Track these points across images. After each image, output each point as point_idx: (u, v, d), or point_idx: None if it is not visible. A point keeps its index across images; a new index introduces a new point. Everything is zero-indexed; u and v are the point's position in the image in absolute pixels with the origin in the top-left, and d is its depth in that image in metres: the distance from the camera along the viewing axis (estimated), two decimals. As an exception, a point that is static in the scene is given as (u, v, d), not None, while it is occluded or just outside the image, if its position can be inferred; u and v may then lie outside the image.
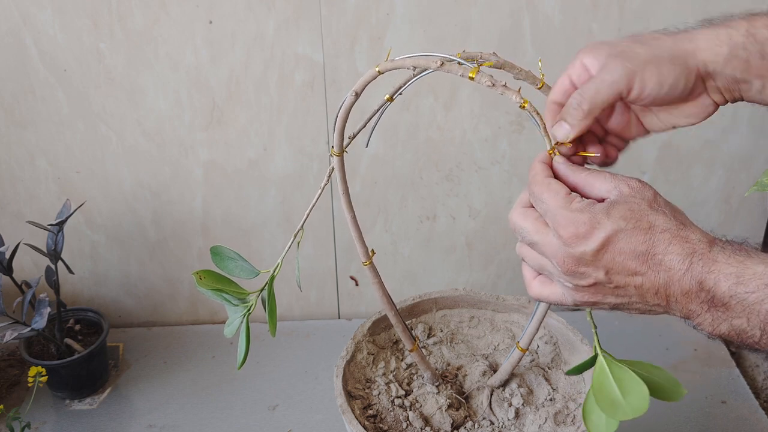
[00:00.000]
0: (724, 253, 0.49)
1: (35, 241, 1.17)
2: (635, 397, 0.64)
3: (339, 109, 0.67)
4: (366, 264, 0.76)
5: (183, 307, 1.41)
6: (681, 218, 0.52)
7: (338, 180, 0.72)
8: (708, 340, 1.35)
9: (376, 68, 0.62)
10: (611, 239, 0.51)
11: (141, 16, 1.12)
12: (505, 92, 0.58)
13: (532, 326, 0.83)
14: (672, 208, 0.53)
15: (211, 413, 1.21)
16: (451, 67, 0.60)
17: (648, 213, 0.51)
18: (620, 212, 0.51)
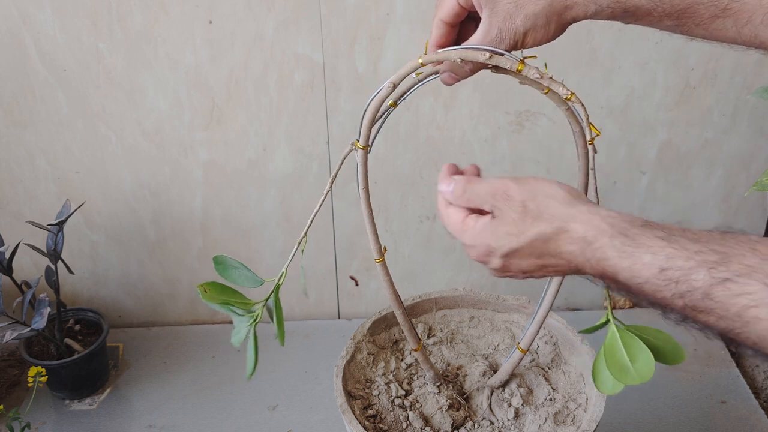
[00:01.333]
0: (613, 248, 0.50)
1: (35, 241, 1.17)
2: (642, 364, 0.69)
3: (371, 100, 0.65)
4: (379, 261, 0.76)
5: (183, 307, 1.41)
6: (561, 211, 0.53)
7: (360, 175, 0.71)
8: (708, 341, 1.35)
9: (419, 60, 0.62)
10: (509, 257, 0.56)
11: (140, 16, 1.12)
12: (552, 84, 0.61)
13: (533, 328, 0.83)
14: (549, 200, 0.54)
15: (211, 413, 1.21)
16: (499, 59, 0.60)
17: (529, 228, 0.54)
18: (505, 231, 0.55)
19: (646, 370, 0.69)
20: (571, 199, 0.54)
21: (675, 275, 0.46)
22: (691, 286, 0.45)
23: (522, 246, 0.54)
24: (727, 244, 0.45)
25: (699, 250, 0.46)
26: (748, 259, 0.44)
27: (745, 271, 0.43)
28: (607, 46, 1.16)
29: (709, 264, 0.45)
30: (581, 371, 0.89)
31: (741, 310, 0.43)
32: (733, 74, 1.20)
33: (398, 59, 1.16)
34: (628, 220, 0.51)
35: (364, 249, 1.35)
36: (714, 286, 0.44)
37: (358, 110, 1.21)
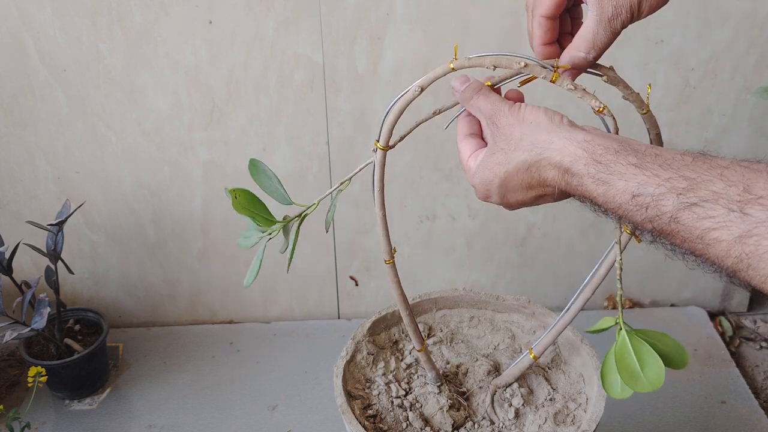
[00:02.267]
0: (588, 175, 0.53)
1: (35, 241, 1.17)
2: (652, 371, 0.70)
3: (395, 101, 0.65)
4: (389, 262, 0.76)
5: (182, 307, 1.41)
6: (541, 138, 0.56)
7: (376, 176, 0.70)
8: (708, 340, 1.35)
9: (450, 65, 0.61)
10: (504, 189, 0.60)
11: (140, 16, 1.12)
12: (585, 96, 0.61)
13: (550, 337, 0.83)
14: (532, 128, 0.57)
15: (210, 413, 1.21)
16: (533, 69, 0.60)
17: (512, 156, 0.58)
18: (496, 161, 0.59)
19: (657, 378, 0.70)
20: (551, 125, 0.57)
21: (645, 201, 0.49)
22: (660, 211, 0.48)
23: (510, 174, 0.58)
24: (697, 169, 0.48)
25: (670, 177, 0.48)
26: (716, 185, 0.46)
27: (711, 197, 0.46)
28: (607, 46, 1.16)
29: (678, 190, 0.47)
30: (581, 371, 0.89)
31: (703, 233, 0.46)
32: (733, 74, 1.20)
33: (398, 59, 1.16)
34: (603, 145, 0.53)
35: (364, 249, 1.36)
36: (681, 211, 0.47)
37: (358, 110, 1.21)
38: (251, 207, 0.71)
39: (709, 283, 1.43)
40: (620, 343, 0.73)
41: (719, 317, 1.42)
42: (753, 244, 0.43)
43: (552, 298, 1.42)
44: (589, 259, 1.37)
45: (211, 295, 1.40)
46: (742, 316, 1.44)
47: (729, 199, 0.44)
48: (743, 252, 0.43)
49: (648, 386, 0.70)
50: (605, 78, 0.64)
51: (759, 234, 0.43)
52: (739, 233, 0.43)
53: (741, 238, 0.43)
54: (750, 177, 0.45)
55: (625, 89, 0.65)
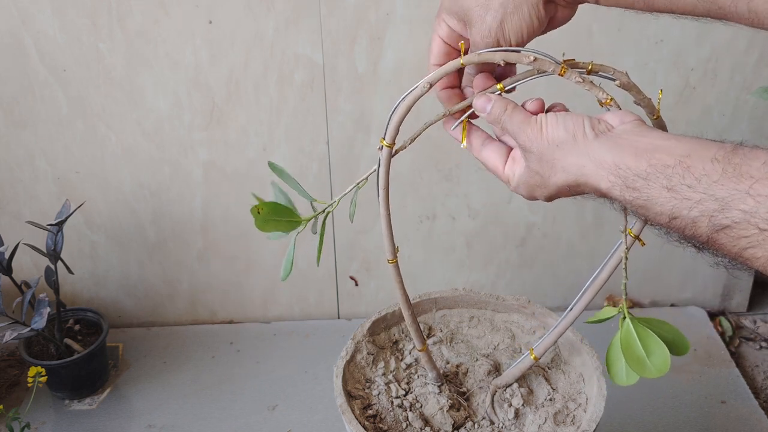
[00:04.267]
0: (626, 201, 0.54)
1: (35, 241, 1.17)
2: (658, 358, 0.72)
3: (403, 98, 0.65)
4: (392, 262, 0.76)
5: (182, 307, 1.41)
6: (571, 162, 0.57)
7: (381, 174, 0.70)
8: (708, 340, 1.35)
9: (460, 60, 0.62)
10: (551, 198, 0.62)
11: (140, 16, 1.12)
12: (593, 89, 0.62)
13: (550, 339, 0.83)
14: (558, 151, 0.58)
15: (210, 413, 1.21)
16: (542, 63, 0.60)
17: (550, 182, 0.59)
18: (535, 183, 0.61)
19: (663, 364, 0.72)
20: (575, 144, 0.57)
21: (682, 224, 0.51)
22: (696, 233, 0.50)
23: (552, 193, 0.60)
24: (726, 185, 0.48)
25: (700, 199, 0.49)
26: (746, 203, 0.47)
27: (742, 218, 0.47)
28: (607, 46, 1.16)
29: (711, 212, 0.49)
30: (581, 371, 0.89)
31: (740, 251, 0.48)
32: (732, 74, 1.20)
33: (398, 59, 1.16)
34: (633, 170, 0.53)
35: (363, 249, 1.35)
36: (716, 233, 0.49)
37: (358, 110, 1.21)
38: (277, 216, 0.72)
39: (708, 283, 1.43)
40: (625, 330, 0.74)
41: (719, 317, 1.42)
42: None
43: (552, 298, 1.42)
44: (589, 259, 1.37)
45: (210, 295, 1.40)
46: (742, 316, 1.44)
47: (759, 217, 0.46)
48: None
49: (655, 372, 0.72)
50: (618, 82, 0.64)
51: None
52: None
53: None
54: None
55: (637, 94, 0.65)
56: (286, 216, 0.72)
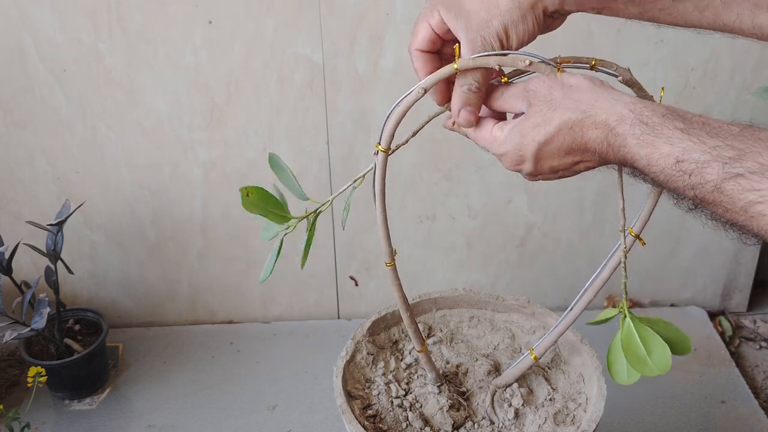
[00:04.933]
0: (633, 136, 0.52)
1: (35, 241, 1.17)
2: (659, 356, 0.72)
3: (397, 103, 0.64)
4: (390, 265, 0.76)
5: (182, 307, 1.41)
6: (586, 97, 0.55)
7: (377, 179, 0.69)
8: (708, 340, 1.35)
9: (454, 65, 0.61)
10: (539, 154, 0.57)
11: (140, 16, 1.12)
12: None
13: (550, 338, 0.83)
14: (573, 90, 0.56)
15: (210, 413, 1.21)
16: (538, 67, 0.60)
17: (554, 115, 0.56)
18: (532, 124, 0.57)
19: (664, 362, 0.72)
20: (595, 87, 0.56)
21: (690, 167, 0.48)
22: (704, 179, 0.47)
23: (549, 135, 0.56)
24: (745, 140, 0.47)
25: (716, 144, 0.47)
26: (764, 156, 0.45)
27: (758, 169, 0.45)
28: (607, 46, 1.17)
29: (725, 159, 0.47)
30: (581, 371, 0.89)
31: (747, 205, 0.45)
32: (732, 74, 1.20)
33: (398, 59, 1.16)
34: (650, 108, 0.52)
35: (363, 249, 1.35)
36: (726, 180, 0.46)
37: (358, 110, 1.21)
38: (265, 204, 0.71)
39: (708, 283, 1.43)
40: (626, 329, 0.74)
41: (719, 317, 1.42)
42: None
43: (552, 298, 1.42)
44: (589, 260, 1.37)
45: (210, 295, 1.40)
46: (742, 316, 1.44)
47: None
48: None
49: (656, 370, 0.72)
50: (621, 79, 0.64)
51: None
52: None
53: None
54: None
55: (639, 91, 0.65)
56: (275, 208, 0.71)
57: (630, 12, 0.62)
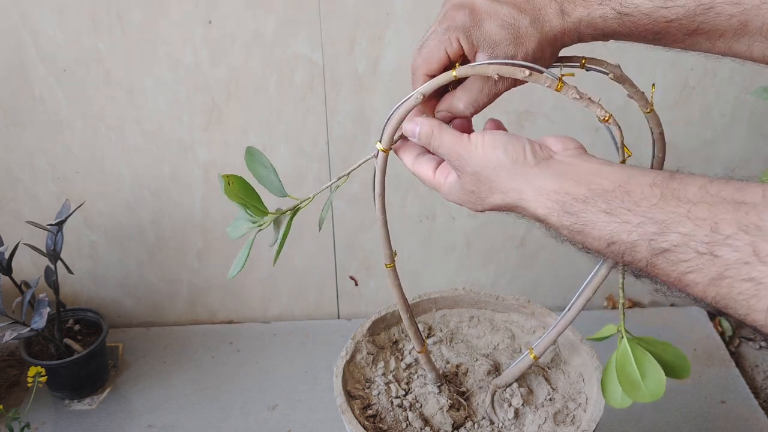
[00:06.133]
0: (563, 227, 0.54)
1: (34, 241, 1.17)
2: (653, 381, 0.71)
3: (397, 107, 0.64)
4: (389, 266, 0.76)
5: (182, 307, 1.41)
6: (511, 187, 0.57)
7: (377, 180, 0.69)
8: (708, 340, 1.35)
9: (453, 73, 0.60)
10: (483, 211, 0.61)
11: (140, 16, 1.12)
12: (590, 105, 0.61)
13: (550, 337, 0.83)
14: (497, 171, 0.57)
15: (210, 413, 1.21)
16: (538, 78, 0.59)
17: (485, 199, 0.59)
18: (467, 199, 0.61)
19: (657, 388, 0.71)
20: (514, 167, 0.56)
21: (621, 249, 0.50)
22: (635, 258, 0.49)
23: (486, 208, 0.60)
24: (667, 207, 0.47)
25: (639, 222, 0.48)
26: (685, 226, 0.46)
27: (681, 241, 0.46)
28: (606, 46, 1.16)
29: (649, 236, 0.48)
30: (581, 371, 0.89)
31: (679, 275, 0.46)
32: (732, 74, 1.20)
33: (398, 59, 1.16)
34: (572, 195, 0.53)
35: (363, 249, 1.36)
36: (655, 257, 0.48)
37: (358, 110, 1.21)
38: (244, 195, 0.70)
39: (708, 283, 1.42)
40: (621, 351, 0.74)
41: (719, 317, 1.42)
42: (726, 286, 0.43)
43: (552, 297, 1.42)
44: (589, 259, 1.37)
45: (210, 295, 1.40)
46: (742, 316, 1.44)
47: (698, 240, 0.45)
48: (719, 293, 0.44)
49: (648, 396, 0.71)
50: (611, 75, 0.64)
51: (731, 276, 0.43)
52: (713, 276, 0.44)
53: (715, 280, 0.44)
54: (717, 214, 0.45)
55: (630, 87, 0.65)
56: (253, 201, 0.71)
57: (644, 41, 0.63)
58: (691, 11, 0.57)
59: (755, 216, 0.43)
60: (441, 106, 0.65)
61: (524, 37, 0.59)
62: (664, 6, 0.58)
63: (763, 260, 0.42)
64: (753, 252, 0.42)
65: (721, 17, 0.57)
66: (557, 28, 0.60)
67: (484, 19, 0.59)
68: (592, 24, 0.60)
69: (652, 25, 0.59)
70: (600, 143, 1.26)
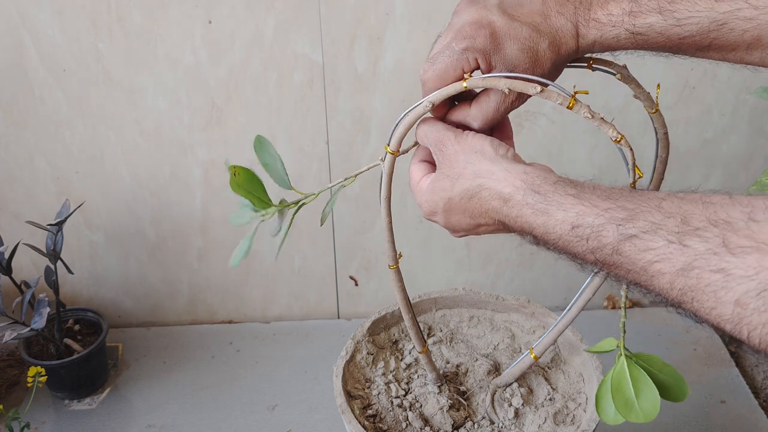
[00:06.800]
0: (527, 205, 0.53)
1: (34, 241, 1.17)
2: (647, 401, 0.70)
3: (406, 113, 0.64)
4: (393, 267, 0.76)
5: (182, 307, 1.41)
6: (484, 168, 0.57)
7: (384, 183, 0.69)
8: (708, 340, 1.35)
9: (464, 84, 0.60)
10: (448, 213, 0.60)
11: (140, 16, 1.12)
12: (602, 125, 0.60)
13: (550, 337, 0.83)
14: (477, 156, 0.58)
15: (210, 413, 1.21)
16: (550, 94, 0.59)
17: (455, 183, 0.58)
18: (440, 186, 0.60)
19: (651, 410, 0.70)
20: (495, 155, 0.57)
21: (585, 232, 0.49)
22: (601, 243, 0.48)
23: (453, 200, 0.58)
24: (635, 200, 0.47)
25: (608, 207, 0.48)
26: (654, 215, 0.45)
27: (650, 228, 0.45)
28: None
29: (618, 221, 0.47)
30: (581, 371, 0.89)
31: (646, 264, 0.45)
32: (732, 74, 1.20)
33: (398, 59, 1.16)
34: (542, 177, 0.53)
35: (363, 249, 1.36)
36: (622, 242, 0.46)
37: (358, 110, 1.21)
38: (249, 187, 0.70)
39: (708, 282, 1.42)
40: (618, 369, 0.73)
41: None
42: (695, 276, 0.43)
43: (552, 297, 1.42)
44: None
45: (210, 295, 1.40)
46: (742, 316, 1.44)
47: (668, 230, 0.44)
48: (686, 285, 0.43)
49: (641, 417, 0.70)
50: (618, 76, 0.64)
51: (699, 267, 0.42)
52: (681, 266, 0.43)
53: (683, 270, 0.43)
54: (687, 208, 0.45)
55: (636, 88, 0.65)
56: (258, 192, 0.71)
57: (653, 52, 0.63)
58: (705, 28, 0.57)
59: (723, 213, 0.43)
60: (454, 117, 0.65)
61: (542, 60, 0.60)
62: (678, 24, 0.57)
63: (732, 251, 0.41)
64: (722, 243, 0.42)
65: (734, 33, 0.56)
66: (572, 49, 0.60)
67: (504, 42, 0.59)
68: (606, 44, 0.61)
69: (665, 42, 0.59)
70: (601, 144, 1.26)
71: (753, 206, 0.42)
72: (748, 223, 0.41)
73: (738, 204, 0.43)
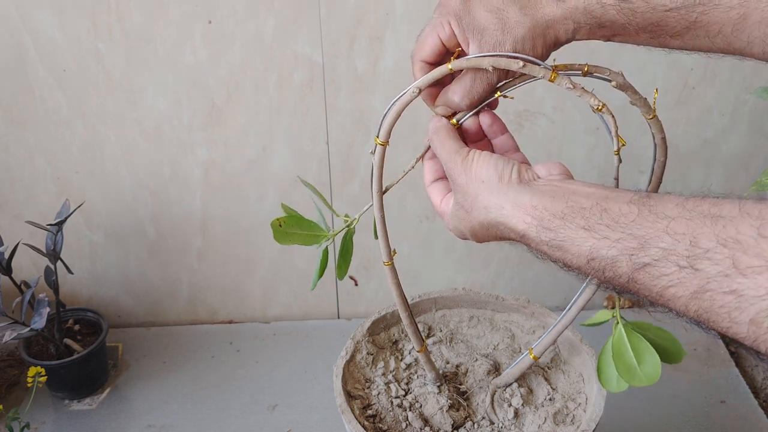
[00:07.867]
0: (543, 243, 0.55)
1: (34, 241, 1.17)
2: (649, 365, 0.72)
3: (394, 102, 0.64)
4: (387, 264, 0.76)
5: (182, 306, 1.41)
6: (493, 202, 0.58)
7: (375, 177, 0.69)
8: (707, 341, 1.35)
9: (449, 66, 0.61)
10: (475, 236, 0.62)
11: (140, 16, 1.12)
12: (584, 95, 0.62)
13: (550, 337, 0.83)
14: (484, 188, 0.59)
15: (210, 413, 1.21)
16: (532, 69, 0.60)
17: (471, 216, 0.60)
18: (459, 216, 0.61)
19: (653, 372, 0.72)
20: (500, 185, 0.58)
21: (601, 264, 0.50)
22: (616, 273, 0.49)
23: (475, 229, 0.60)
24: (644, 225, 0.48)
25: (619, 238, 0.49)
26: (664, 240, 0.46)
27: (661, 255, 0.46)
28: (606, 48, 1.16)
29: (630, 251, 0.48)
30: (581, 371, 0.89)
31: (661, 290, 0.47)
32: (732, 74, 1.20)
33: (398, 59, 1.16)
34: (549, 211, 0.54)
35: (363, 248, 1.35)
36: (636, 271, 0.48)
37: (358, 110, 1.21)
38: (299, 229, 0.72)
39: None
40: (617, 336, 0.74)
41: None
42: (708, 299, 0.43)
43: (552, 297, 1.42)
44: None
45: (210, 295, 1.40)
46: (742, 316, 1.44)
47: (678, 255, 0.45)
48: (701, 307, 0.44)
49: (644, 380, 0.71)
50: (614, 83, 0.64)
51: (712, 289, 0.43)
52: (694, 289, 0.44)
53: (696, 293, 0.44)
54: (695, 229, 0.45)
55: (633, 95, 0.65)
56: (309, 230, 0.73)
57: (640, 39, 0.63)
58: (691, 0, 0.57)
59: (733, 229, 0.43)
60: (438, 101, 0.66)
61: (512, 24, 0.60)
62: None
63: (743, 272, 0.42)
64: (732, 264, 0.42)
65: (720, 8, 0.57)
66: (550, 14, 0.60)
67: (474, 5, 0.60)
68: (589, 11, 0.59)
69: (650, 14, 0.59)
70: (601, 144, 1.26)
71: (763, 219, 0.42)
72: (757, 239, 0.42)
73: (747, 217, 0.43)
